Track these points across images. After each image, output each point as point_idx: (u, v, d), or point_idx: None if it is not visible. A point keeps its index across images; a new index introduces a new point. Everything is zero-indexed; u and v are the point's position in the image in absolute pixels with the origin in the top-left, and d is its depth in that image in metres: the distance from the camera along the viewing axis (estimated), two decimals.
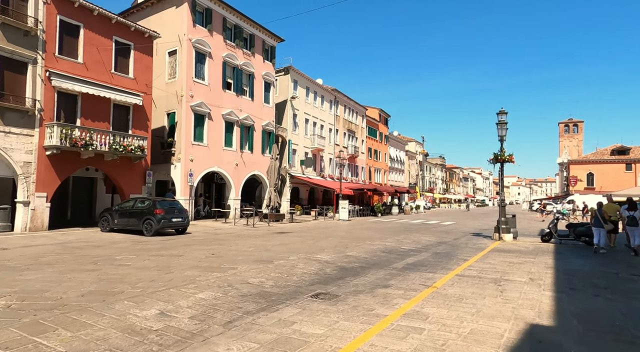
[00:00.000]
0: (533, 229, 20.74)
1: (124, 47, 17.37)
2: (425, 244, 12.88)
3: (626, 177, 55.06)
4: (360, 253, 10.44)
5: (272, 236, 14.26)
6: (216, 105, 22.82)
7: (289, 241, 12.93)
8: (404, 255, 10.37)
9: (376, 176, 50.35)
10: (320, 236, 14.72)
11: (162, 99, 21.88)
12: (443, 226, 21.87)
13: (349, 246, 11.98)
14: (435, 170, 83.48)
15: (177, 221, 14.05)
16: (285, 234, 15.35)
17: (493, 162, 14.91)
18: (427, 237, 15.22)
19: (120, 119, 17.28)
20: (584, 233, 13.19)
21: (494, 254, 10.77)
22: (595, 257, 10.67)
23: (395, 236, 15.71)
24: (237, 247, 10.85)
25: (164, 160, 21.58)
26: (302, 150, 33.10)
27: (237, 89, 24.55)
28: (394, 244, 12.80)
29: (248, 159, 25.53)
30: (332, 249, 11.16)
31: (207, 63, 22.23)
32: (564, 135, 74.81)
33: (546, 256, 10.59)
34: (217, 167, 22.93)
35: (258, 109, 26.44)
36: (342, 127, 40.76)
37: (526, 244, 13.34)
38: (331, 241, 13.06)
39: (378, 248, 11.58)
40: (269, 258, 9.16)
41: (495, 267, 8.66)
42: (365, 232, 16.90)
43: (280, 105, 31.51)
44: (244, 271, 7.53)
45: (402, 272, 7.98)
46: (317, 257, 9.57)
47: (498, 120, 14.71)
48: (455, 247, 12.39)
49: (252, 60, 25.79)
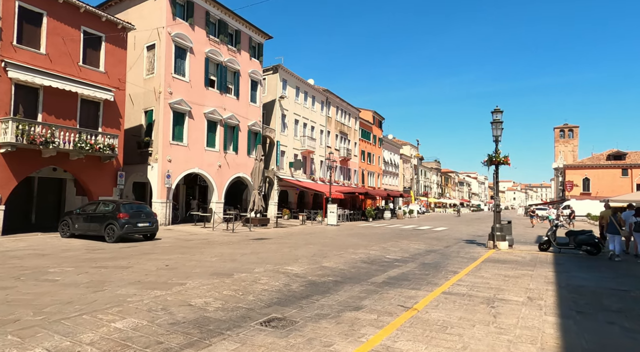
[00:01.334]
0: (529, 236, 19.71)
1: (93, 38, 16.20)
2: (413, 253, 11.77)
3: (622, 183, 54.44)
4: (338, 264, 9.30)
5: (247, 243, 13.08)
6: (198, 103, 21.67)
7: (263, 248, 11.76)
8: (387, 266, 9.25)
9: (369, 179, 49.31)
10: (300, 243, 13.57)
11: (139, 96, 20.71)
12: (435, 232, 20.78)
13: (328, 255, 10.84)
14: (430, 175, 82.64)
15: (144, 226, 12.84)
16: (263, 240, 14.18)
17: (487, 165, 13.86)
18: (417, 245, 14.11)
19: (89, 115, 16.09)
20: (585, 242, 12.15)
21: (488, 266, 9.68)
22: (599, 269, 9.60)
23: (383, 243, 14.59)
24: (199, 257, 9.67)
25: (140, 160, 20.37)
26: (292, 152, 31.98)
27: (221, 87, 23.42)
28: (379, 252, 11.68)
29: (232, 160, 24.36)
30: (308, 258, 10.02)
31: (188, 59, 21.10)
32: (559, 141, 74.32)
33: (545, 268, 9.52)
34: (198, 169, 21.74)
35: (244, 108, 25.31)
36: (334, 129, 39.72)
37: (523, 254, 12.27)
38: (310, 249, 11.91)
39: (360, 258, 10.45)
40: (230, 271, 7.99)
41: (488, 282, 7.56)
42: (351, 239, 15.77)
43: (269, 105, 30.42)
44: (191, 288, 6.37)
45: (380, 288, 6.86)
46: (287, 269, 8.42)
47: (493, 119, 13.69)
48: (446, 256, 11.29)
49: (238, 57, 24.70)
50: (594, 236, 12.14)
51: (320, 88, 37.17)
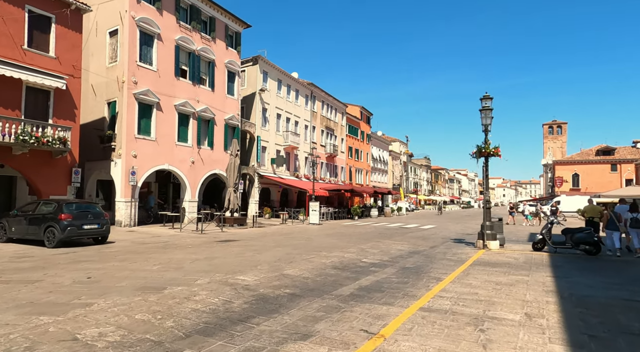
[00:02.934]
0: (521, 234, 18.62)
1: (41, 19, 14.56)
2: (393, 255, 10.47)
3: (611, 178, 54.12)
4: (303, 271, 7.95)
5: (209, 246, 11.65)
6: (167, 95, 20.08)
7: (223, 253, 10.35)
8: (361, 273, 7.93)
9: (357, 176, 48.07)
10: (270, 245, 12.18)
11: (102, 86, 19.06)
12: (422, 231, 19.57)
13: (295, 259, 9.48)
14: (420, 172, 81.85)
15: (91, 228, 11.32)
16: (229, 242, 12.76)
17: (476, 157, 12.62)
18: (399, 245, 12.84)
19: (37, 105, 14.45)
20: (583, 240, 10.99)
21: (477, 270, 8.42)
22: (603, 272, 8.41)
23: (363, 243, 13.28)
24: (139, 265, 8.22)
25: (104, 156, 18.75)
26: (274, 148, 30.52)
27: (194, 78, 21.86)
28: (355, 255, 10.36)
29: (207, 156, 22.83)
30: (269, 264, 8.64)
31: (155, 46, 19.49)
32: (548, 137, 74.07)
33: (542, 272, 8.30)
34: (167, 165, 20.18)
35: (220, 100, 23.77)
36: (320, 125, 38.33)
37: (515, 254, 11.07)
38: (277, 252, 10.54)
39: (331, 262, 9.10)
40: (165, 283, 6.57)
41: (476, 293, 6.28)
42: (329, 239, 14.44)
43: (248, 99, 28.91)
44: (96, 311, 4.94)
45: (344, 304, 5.52)
46: (239, 279, 7.03)
47: (482, 106, 12.45)
48: (430, 259, 10.02)
49: (213, 46, 23.14)
50: (592, 234, 10.99)
51: (305, 82, 35.74)
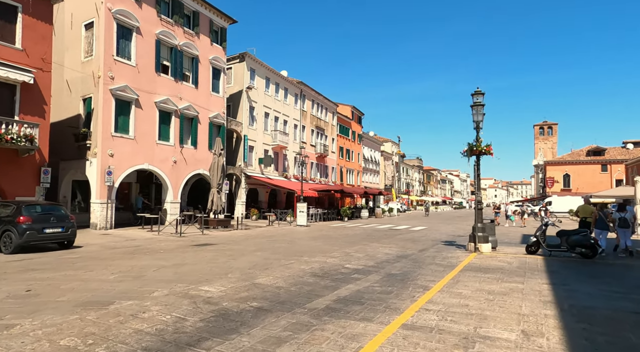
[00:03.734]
0: (513, 236, 18.11)
1: (6, 8, 13.63)
2: (379, 260, 9.79)
3: (602, 178, 54.23)
4: (278, 279, 7.21)
5: (182, 251, 10.85)
6: (147, 91, 19.20)
7: (195, 258, 9.57)
8: (342, 281, 7.22)
9: (348, 177, 47.44)
10: (249, 249, 11.41)
11: (77, 82, 18.13)
12: (412, 232, 18.94)
13: (272, 265, 8.73)
14: (412, 172, 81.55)
15: (54, 232, 10.46)
16: (205, 246, 11.97)
17: (467, 155, 12.01)
18: (387, 249, 12.16)
19: (1, 100, 13.51)
20: (579, 243, 10.42)
21: (467, 276, 7.76)
22: (602, 278, 7.81)
23: (349, 246, 12.59)
24: (92, 275, 7.40)
25: (79, 155, 17.82)
26: (261, 148, 29.73)
27: (176, 74, 21.00)
28: (338, 260, 9.65)
29: (191, 155, 21.97)
30: (242, 272, 7.89)
31: (134, 40, 18.61)
32: (539, 138, 74.30)
33: (537, 278, 7.67)
34: (148, 165, 19.28)
35: (204, 98, 22.93)
36: (310, 124, 37.62)
37: (508, 258, 10.46)
38: (255, 257, 9.78)
39: (311, 269, 8.38)
40: (114, 297, 5.79)
41: (467, 305, 5.61)
42: (314, 243, 13.72)
43: (235, 97, 28.10)
44: (17, 335, 4.14)
45: (317, 320, 4.81)
46: (202, 290, 6.28)
47: (473, 102, 11.84)
48: (418, 264, 9.35)
49: (196, 42, 22.30)
50: (589, 236, 10.43)
51: (294, 80, 35.01)
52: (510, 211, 27.71)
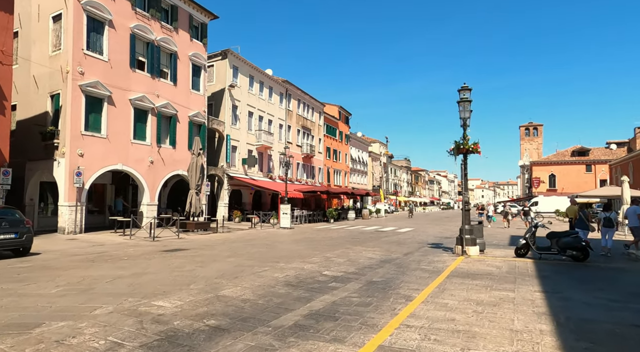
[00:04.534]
0: (501, 237, 17.68)
1: None
2: (361, 266, 9.13)
3: (586, 178, 54.79)
4: (245, 290, 6.48)
5: (147, 258, 10.01)
6: (121, 88, 18.24)
7: (160, 266, 8.77)
8: (317, 290, 6.54)
9: (336, 177, 46.84)
10: (223, 255, 10.64)
11: (45, 77, 17.08)
12: (398, 234, 18.37)
13: (243, 273, 7.99)
14: (400, 173, 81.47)
15: (5, 238, 9.52)
16: (176, 252, 11.15)
17: (454, 154, 11.46)
18: (371, 253, 11.52)
19: None
20: (570, 245, 9.94)
21: (454, 284, 7.16)
22: (597, 284, 7.29)
23: (331, 250, 11.91)
24: (32, 288, 6.54)
25: (46, 155, 16.76)
26: (245, 148, 28.89)
27: (153, 70, 20.06)
28: (317, 266, 8.96)
29: (169, 155, 21.03)
30: (207, 282, 7.13)
31: (106, 33, 17.64)
32: (524, 138, 74.95)
33: (529, 285, 7.11)
34: (121, 165, 18.30)
35: (183, 96, 22.02)
36: (296, 124, 36.89)
37: (497, 261, 9.92)
38: (226, 264, 9.02)
39: (285, 277, 7.67)
40: (46, 316, 4.98)
41: (453, 319, 4.98)
42: (294, 246, 13.00)
43: (217, 95, 27.23)
44: None
45: (280, 342, 4.10)
46: (155, 305, 5.51)
47: (460, 98, 11.31)
48: (403, 269, 8.73)
49: (175, 37, 21.39)
50: (580, 238, 9.97)
51: (279, 79, 34.26)
52: (492, 211, 26.14)
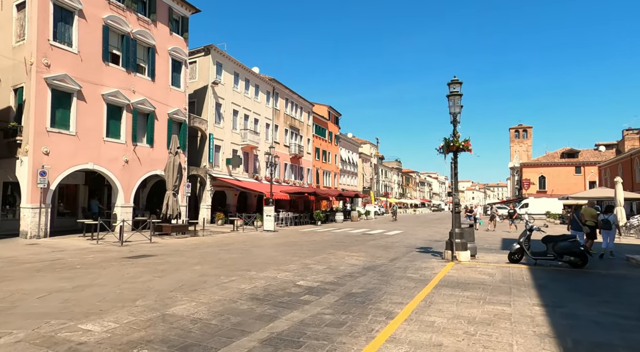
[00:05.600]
0: (492, 240, 16.99)
1: None
2: (341, 274, 8.26)
3: (576, 180, 54.85)
4: (200, 307, 5.55)
5: (103, 267, 8.99)
6: (92, 82, 17.14)
7: (112, 277, 7.77)
8: (286, 306, 5.63)
9: (325, 179, 45.99)
10: (190, 262, 9.66)
11: (8, 70, 15.93)
12: (386, 237, 17.56)
13: (205, 284, 7.04)
14: (391, 175, 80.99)
15: None
16: (139, 259, 10.13)
17: (444, 152, 10.68)
18: (354, 258, 10.66)
19: None
20: (567, 250, 9.21)
21: (443, 296, 6.32)
22: (602, 296, 6.52)
23: (311, 256, 11.01)
24: None
25: (8, 153, 15.59)
26: (229, 147, 27.87)
27: (129, 64, 18.98)
28: (292, 275, 8.05)
29: (146, 154, 19.94)
30: (159, 296, 6.17)
31: (76, 24, 16.54)
32: (514, 141, 75.07)
33: (526, 297, 6.31)
34: (93, 164, 17.18)
35: (162, 92, 20.96)
36: (284, 123, 35.97)
37: (489, 268, 9.13)
38: (188, 274, 8.06)
39: (252, 289, 6.75)
40: None
41: (441, 343, 4.13)
42: (273, 252, 12.07)
43: (200, 93, 26.20)
44: None
45: None
46: (81, 329, 4.54)
47: (450, 92, 10.53)
48: (387, 278, 7.87)
49: (153, 30, 20.34)
50: (578, 243, 9.24)
51: (266, 77, 33.31)
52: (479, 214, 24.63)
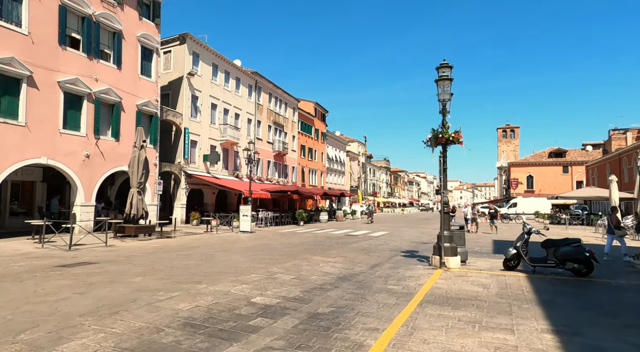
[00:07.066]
0: (483, 242, 15.90)
1: None
2: (311, 286, 6.93)
3: (563, 180, 54.67)
4: (106, 341, 4.15)
5: (26, 277, 7.48)
6: (46, 68, 15.46)
7: (25, 292, 6.30)
8: (225, 336, 4.27)
9: (311, 177, 44.65)
10: (131, 273, 8.21)
11: None
12: (369, 239, 16.31)
13: (134, 303, 5.63)
14: (379, 174, 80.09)
15: None
16: (75, 267, 8.64)
17: (431, 144, 9.45)
18: (330, 265, 9.35)
19: None
20: (571, 256, 8.06)
21: (429, 317, 5.04)
22: (621, 315, 5.32)
23: (281, 262, 9.67)
24: None
25: None
26: (207, 143, 26.30)
27: (91, 50, 17.31)
28: (249, 289, 6.68)
29: (110, 149, 18.30)
30: (59, 324, 4.75)
31: (26, 2, 14.83)
32: (502, 140, 74.96)
33: (530, 318, 5.08)
34: (46, 159, 15.51)
35: (130, 81, 19.32)
36: (267, 119, 34.49)
37: (482, 277, 7.92)
38: (122, 288, 6.62)
39: (192, 309, 5.36)
40: None
41: None
42: (239, 257, 10.68)
43: (175, 84, 24.58)
44: None
45: None
46: None
47: (439, 76, 9.30)
48: (363, 291, 6.58)
49: (119, 14, 18.69)
50: (583, 248, 8.09)
51: (248, 70, 31.79)
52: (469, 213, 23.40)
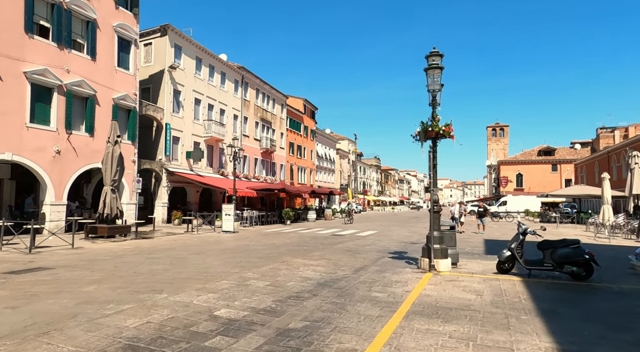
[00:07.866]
0: (474, 242, 15.34)
1: None
2: (286, 294, 6.20)
3: (552, 178, 54.83)
4: None
5: None
6: (11, 57, 14.42)
7: None
8: None
9: (300, 175, 43.87)
10: (87, 280, 7.37)
11: None
12: (357, 239, 15.64)
13: (73, 320, 4.83)
14: (369, 172, 79.67)
15: None
16: (24, 274, 7.76)
17: (420, 139, 8.77)
18: (311, 269, 8.62)
19: None
20: (569, 258, 7.47)
21: (416, 333, 4.34)
22: (629, 326, 4.71)
23: (258, 266, 8.92)
24: None
25: None
26: (190, 139, 25.36)
27: (61, 39, 16.27)
28: (215, 299, 5.91)
29: (84, 145, 17.30)
30: None
31: None
32: (491, 139, 75.17)
33: (531, 332, 4.41)
34: (12, 155, 14.48)
35: (105, 73, 18.31)
36: (254, 115, 33.60)
37: (475, 282, 7.28)
38: (65, 300, 5.79)
39: (140, 326, 4.58)
40: None
41: None
42: (213, 260, 9.89)
43: (156, 78, 23.57)
44: None
45: None
46: None
47: (428, 65, 8.61)
48: (344, 300, 5.86)
49: (93, 2, 17.64)
50: (582, 250, 7.50)
51: (234, 65, 30.85)
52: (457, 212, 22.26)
